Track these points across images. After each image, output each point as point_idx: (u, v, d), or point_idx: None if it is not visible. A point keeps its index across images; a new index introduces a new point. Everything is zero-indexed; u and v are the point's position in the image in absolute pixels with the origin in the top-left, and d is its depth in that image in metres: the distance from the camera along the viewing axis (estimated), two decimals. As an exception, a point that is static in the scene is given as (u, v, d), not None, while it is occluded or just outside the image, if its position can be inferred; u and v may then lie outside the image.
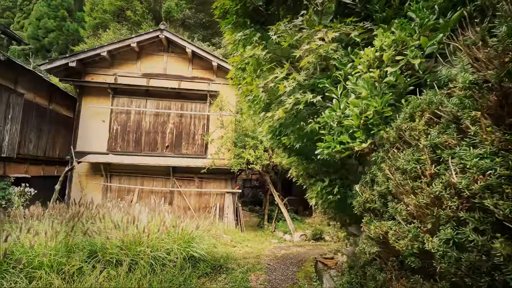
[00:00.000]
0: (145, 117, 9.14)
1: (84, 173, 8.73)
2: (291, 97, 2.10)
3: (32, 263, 3.20)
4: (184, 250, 4.18)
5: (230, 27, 2.58)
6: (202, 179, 9.14)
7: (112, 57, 9.15)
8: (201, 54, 9.23)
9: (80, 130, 8.82)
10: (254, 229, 10.15)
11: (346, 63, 2.02)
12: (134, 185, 8.82)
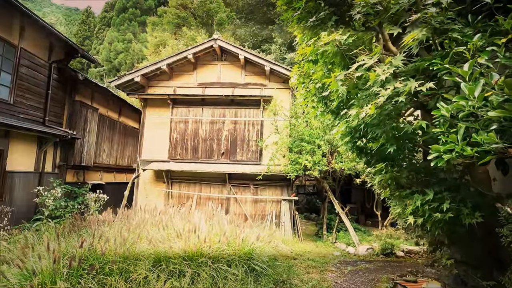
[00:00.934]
0: (202, 125, 9.39)
1: (149, 180, 9.28)
2: (387, 87, 1.70)
3: (104, 270, 3.29)
4: (245, 262, 3.96)
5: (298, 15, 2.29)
6: (258, 186, 8.97)
7: (171, 70, 9.66)
8: (253, 59, 9.18)
9: (145, 140, 9.43)
10: (312, 238, 9.59)
11: (470, 34, 1.55)
12: (193, 191, 9.07)
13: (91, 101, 9.88)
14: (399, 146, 2.00)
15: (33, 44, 7.62)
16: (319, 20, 2.17)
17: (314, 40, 2.24)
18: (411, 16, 1.74)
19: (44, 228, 5.79)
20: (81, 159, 9.07)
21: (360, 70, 1.89)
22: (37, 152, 7.77)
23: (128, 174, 12.70)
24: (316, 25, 2.21)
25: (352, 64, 1.95)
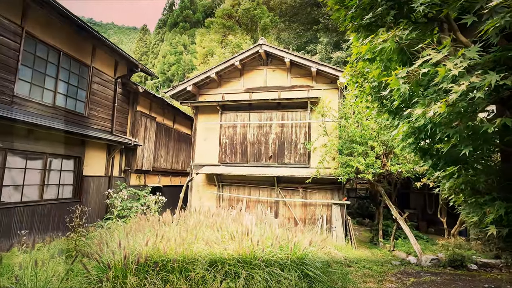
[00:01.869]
0: (249, 130, 9.58)
1: (201, 183, 9.76)
2: (460, 82, 1.53)
3: (166, 267, 3.53)
4: (298, 267, 3.90)
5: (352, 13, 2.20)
6: (307, 189, 8.81)
7: (220, 77, 10.08)
8: (299, 61, 9.10)
9: (197, 145, 9.96)
10: (366, 245, 9.06)
11: None
12: (242, 194, 9.28)
13: (150, 110, 10.79)
14: (475, 147, 1.77)
15: (102, 63, 8.62)
16: (376, 16, 2.05)
17: (371, 37, 2.11)
18: (489, 2, 1.54)
19: (114, 227, 6.45)
20: (142, 164, 9.93)
21: (426, 65, 1.73)
22: (107, 158, 8.73)
23: (182, 177, 13.52)
24: (372, 22, 2.10)
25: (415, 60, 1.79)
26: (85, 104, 7.99)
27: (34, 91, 6.58)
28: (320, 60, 13.83)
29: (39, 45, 6.67)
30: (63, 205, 7.13)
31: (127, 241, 3.78)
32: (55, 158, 7.03)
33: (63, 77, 7.31)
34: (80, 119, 7.77)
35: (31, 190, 6.41)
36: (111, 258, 3.45)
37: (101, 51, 8.49)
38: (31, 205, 6.32)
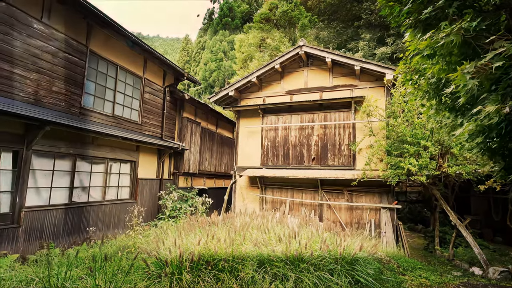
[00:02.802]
0: (291, 132, 9.55)
1: (245, 186, 9.95)
2: None
3: (217, 266, 3.68)
4: (347, 273, 3.78)
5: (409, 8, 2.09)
6: (352, 192, 8.49)
7: (260, 81, 10.23)
8: (341, 60, 8.84)
9: (239, 148, 10.20)
10: (421, 253, 8.42)
11: None
12: (285, 197, 9.25)
13: (195, 116, 11.35)
14: None
15: (152, 74, 9.31)
16: (437, 9, 1.92)
17: (431, 32, 1.98)
18: None
19: (166, 226, 6.89)
20: (189, 167, 10.47)
21: (498, 59, 1.58)
22: (157, 162, 9.37)
23: (225, 180, 13.94)
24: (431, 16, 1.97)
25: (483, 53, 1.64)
26: (138, 112, 8.69)
27: (97, 102, 7.35)
28: (363, 58, 13.25)
29: (100, 61, 7.44)
30: (122, 205, 7.81)
31: (181, 240, 4.02)
32: (115, 162, 7.75)
33: (120, 88, 8.05)
34: (135, 126, 8.47)
35: (96, 191, 7.15)
36: (168, 256, 3.69)
37: (151, 63, 9.17)
38: (96, 205, 7.04)
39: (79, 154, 6.62)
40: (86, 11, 6.49)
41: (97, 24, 6.97)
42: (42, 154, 5.85)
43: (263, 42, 22.46)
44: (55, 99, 6.16)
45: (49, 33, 6.04)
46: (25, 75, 5.57)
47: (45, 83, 5.94)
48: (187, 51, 42.89)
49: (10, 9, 5.33)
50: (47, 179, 5.98)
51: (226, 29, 30.91)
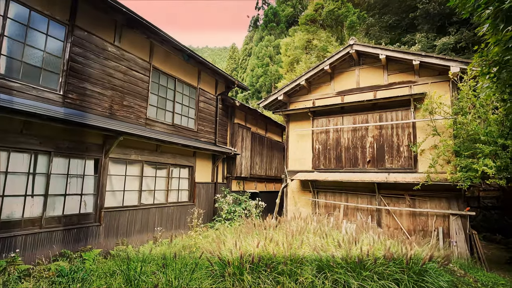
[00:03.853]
0: (343, 134, 9.24)
1: (296, 189, 9.90)
2: None
3: (276, 269, 3.74)
4: (416, 284, 3.52)
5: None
6: (415, 197, 7.84)
7: (309, 84, 10.12)
8: (397, 56, 8.30)
9: (290, 152, 10.20)
10: (501, 267, 7.37)
11: None
12: (339, 201, 8.95)
13: (245, 122, 11.69)
14: None
15: (205, 84, 9.88)
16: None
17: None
18: None
19: (223, 228, 7.21)
20: (241, 171, 10.79)
21: None
22: (212, 167, 9.86)
23: (276, 183, 14.02)
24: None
25: None
26: (194, 121, 9.29)
27: (159, 113, 8.06)
28: (422, 51, 12.22)
29: (161, 76, 8.17)
30: (182, 207, 8.39)
31: (240, 242, 4.18)
32: (175, 167, 8.38)
33: (178, 99, 8.72)
34: (192, 133, 9.07)
35: (160, 194, 7.81)
36: (229, 257, 3.87)
37: (204, 74, 9.75)
38: (160, 207, 7.69)
39: (146, 160, 7.32)
40: (150, 31, 7.20)
41: (158, 42, 7.68)
42: (116, 161, 6.62)
43: (309, 44, 22.19)
44: (126, 112, 6.93)
45: (120, 54, 6.85)
46: (102, 92, 6.40)
47: (117, 98, 6.73)
48: (234, 59, 44.43)
49: (90, 37, 6.19)
50: (121, 183, 6.74)
51: (271, 34, 31.29)
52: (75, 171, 5.78)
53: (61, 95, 5.60)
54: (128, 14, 6.41)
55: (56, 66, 5.62)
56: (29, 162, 5.07)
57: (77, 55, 5.90)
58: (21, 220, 4.89)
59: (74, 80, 5.83)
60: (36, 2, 5.30)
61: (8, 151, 4.79)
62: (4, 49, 4.89)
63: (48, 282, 3.97)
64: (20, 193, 4.91)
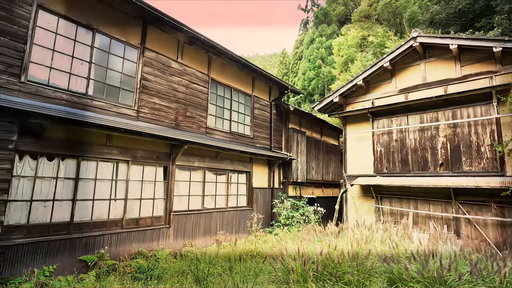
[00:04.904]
0: (408, 134, 8.48)
1: (356, 195, 9.38)
2: None
3: (343, 279, 3.58)
4: (514, 307, 3.00)
5: None
6: (503, 205, 6.75)
7: (367, 83, 9.58)
8: (472, 44, 7.33)
9: (348, 156, 9.74)
10: None
11: None
12: (407, 208, 8.19)
13: (299, 126, 11.58)
14: None
15: (259, 91, 10.11)
16: None
17: None
18: None
19: (282, 234, 7.20)
20: (297, 176, 10.68)
21: None
22: (268, 172, 9.97)
23: (334, 188, 13.51)
24: None
25: None
26: (250, 127, 9.54)
27: (217, 121, 8.50)
28: (503, 35, 10.57)
29: (218, 86, 8.62)
30: (241, 212, 8.64)
31: (302, 248, 4.12)
32: (233, 173, 8.70)
33: (234, 107, 9.08)
34: (248, 140, 9.33)
35: (220, 199, 8.18)
36: (292, 263, 3.84)
37: (258, 81, 9.99)
38: (221, 211, 8.04)
39: (207, 167, 7.77)
40: (208, 46, 7.69)
41: (215, 55, 8.14)
42: (181, 167, 7.17)
43: (364, 41, 21.07)
44: (189, 122, 7.48)
45: (182, 70, 7.45)
46: (168, 106, 7.02)
47: (181, 110, 7.31)
48: (284, 64, 44.57)
49: (158, 56, 6.88)
50: (186, 188, 7.25)
51: (322, 35, 30.59)
52: (148, 178, 6.42)
53: (135, 110, 6.31)
54: (189, 32, 6.95)
55: (131, 85, 6.37)
56: (112, 170, 5.81)
57: (147, 73, 6.61)
58: (107, 221, 5.61)
59: (145, 96, 6.53)
60: (115, 31, 6.11)
61: (97, 161, 5.56)
62: (92, 74, 5.73)
63: (130, 277, 4.46)
64: (105, 197, 5.65)
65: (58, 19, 5.27)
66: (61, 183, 5.04)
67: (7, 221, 4.33)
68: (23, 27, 4.73)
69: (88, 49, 5.69)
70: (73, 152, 5.17)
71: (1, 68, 4.45)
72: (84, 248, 5.13)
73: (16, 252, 4.36)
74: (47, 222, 4.80)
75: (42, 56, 5.03)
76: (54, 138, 4.95)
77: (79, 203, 5.21)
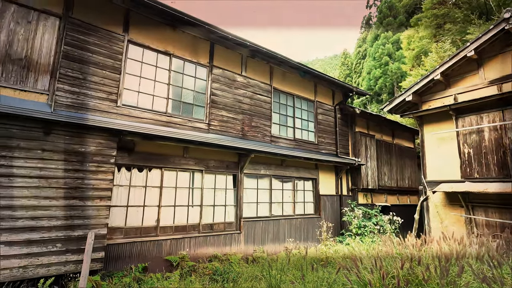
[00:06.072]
0: (506, 132, 7.19)
1: (440, 203, 8.32)
2: None
3: (430, 298, 3.21)
4: None
5: None
6: None
7: (446, 77, 8.52)
8: None
9: (427, 159, 8.74)
10: None
11: None
12: (509, 219, 6.90)
13: (367, 129, 10.91)
14: None
15: (322, 96, 9.91)
16: None
17: None
18: None
19: (353, 244, 6.83)
20: (367, 182, 10.02)
21: None
22: (335, 179, 9.61)
23: (411, 196, 12.24)
24: None
25: None
26: (314, 133, 9.40)
27: (281, 129, 8.61)
28: None
29: (281, 95, 8.77)
30: (308, 220, 8.50)
31: (379, 260, 3.84)
32: (299, 180, 8.66)
33: (297, 114, 9.09)
34: (312, 146, 9.19)
35: (287, 206, 8.22)
36: (368, 276, 3.62)
37: (320, 86, 9.82)
38: (288, 218, 8.06)
39: (273, 174, 7.92)
40: (269, 57, 7.93)
41: (276, 64, 8.33)
42: (249, 175, 7.46)
43: (439, 31, 18.81)
44: (254, 132, 7.77)
45: (246, 82, 7.83)
46: (235, 117, 7.43)
47: (247, 121, 7.66)
48: (346, 65, 42.70)
49: (224, 72, 7.38)
50: (254, 195, 7.51)
51: (387, 30, 28.41)
52: (219, 185, 6.87)
53: (206, 124, 6.87)
54: (252, 47, 7.30)
55: (202, 101, 6.97)
56: (189, 179, 6.41)
57: (215, 89, 7.15)
58: (186, 225, 6.18)
59: (214, 109, 7.05)
60: (187, 54, 6.81)
61: (176, 171, 6.22)
62: (170, 94, 6.48)
63: (208, 278, 4.81)
64: (184, 203, 6.24)
65: (143, 50, 6.15)
66: (149, 191, 5.78)
67: (110, 224, 5.15)
68: (118, 60, 5.67)
69: (166, 73, 6.47)
70: (158, 164, 5.90)
71: (104, 96, 5.39)
72: (168, 249, 5.74)
73: (118, 250, 5.14)
74: (139, 225, 5.55)
75: (132, 83, 5.92)
76: (142, 152, 5.73)
77: (163, 209, 5.89)
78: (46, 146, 4.43)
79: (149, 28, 6.21)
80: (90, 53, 5.33)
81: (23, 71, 4.71)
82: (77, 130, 4.74)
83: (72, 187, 4.56)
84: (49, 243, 4.25)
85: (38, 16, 4.94)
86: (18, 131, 4.24)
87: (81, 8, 5.34)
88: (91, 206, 4.67)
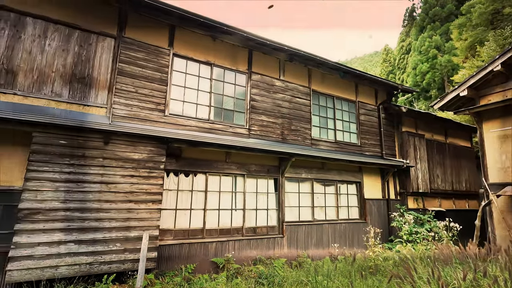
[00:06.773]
0: None
1: (506, 209, 7.43)
2: None
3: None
4: None
5: None
6: None
7: (508, 67, 7.63)
8: None
9: (488, 159, 7.88)
10: None
11: None
12: None
13: (416, 128, 10.20)
14: None
15: (364, 95, 9.52)
16: None
17: None
18: None
19: (404, 251, 6.39)
20: (418, 185, 9.34)
21: None
22: (381, 182, 9.12)
23: (469, 200, 11.13)
24: None
25: None
26: (356, 135, 9.05)
27: (322, 132, 8.45)
28: None
29: (320, 97, 8.62)
30: (353, 225, 8.17)
31: (437, 270, 3.56)
32: (342, 184, 8.38)
33: (338, 116, 8.84)
34: (355, 148, 8.86)
35: (330, 210, 7.99)
36: (425, 287, 3.37)
37: (361, 85, 9.45)
38: (331, 223, 7.83)
39: (314, 178, 7.78)
40: (307, 59, 7.87)
41: (314, 67, 8.22)
42: (290, 179, 7.43)
43: (496, 16, 16.97)
44: (294, 135, 7.74)
45: (284, 86, 7.85)
46: (275, 121, 7.48)
47: (286, 125, 7.66)
48: (388, 61, 40.43)
49: (262, 77, 7.49)
50: (295, 199, 7.45)
51: (434, 21, 26.35)
52: (261, 189, 6.95)
53: (246, 129, 7.02)
54: (289, 51, 7.32)
55: (242, 107, 7.15)
56: (231, 183, 6.59)
57: (254, 94, 7.28)
58: (230, 228, 6.34)
59: (254, 115, 7.18)
60: (227, 62, 7.06)
61: (219, 176, 6.44)
62: (212, 101, 6.75)
63: (254, 281, 4.87)
64: (227, 207, 6.42)
65: (186, 61, 6.52)
66: (195, 195, 6.06)
67: (161, 226, 5.50)
68: (165, 73, 6.08)
69: (208, 81, 6.77)
70: (202, 169, 6.16)
71: (153, 107, 5.82)
72: (214, 251, 5.94)
73: (168, 251, 5.46)
74: (187, 227, 5.83)
75: (177, 93, 6.30)
76: (188, 158, 6.05)
77: (208, 212, 6.12)
78: (105, 154, 4.91)
79: (191, 41, 6.57)
80: (141, 68, 5.80)
81: (85, 88, 5.29)
82: (131, 139, 5.17)
83: (128, 191, 4.97)
84: (110, 243, 4.68)
85: (97, 38, 5.53)
86: (83, 142, 4.76)
87: (132, 28, 5.86)
88: (144, 209, 5.04)
